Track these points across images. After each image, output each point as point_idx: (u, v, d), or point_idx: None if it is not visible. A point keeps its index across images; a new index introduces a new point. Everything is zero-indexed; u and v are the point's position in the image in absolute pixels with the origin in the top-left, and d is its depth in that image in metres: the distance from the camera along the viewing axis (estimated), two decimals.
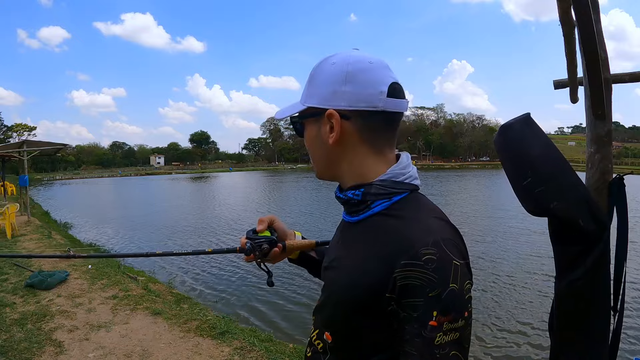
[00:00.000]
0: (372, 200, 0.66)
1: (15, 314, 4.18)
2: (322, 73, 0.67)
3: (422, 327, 0.56)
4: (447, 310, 0.55)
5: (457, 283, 0.56)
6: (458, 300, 0.56)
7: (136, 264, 8.27)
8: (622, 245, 1.14)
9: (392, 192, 0.66)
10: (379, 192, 0.66)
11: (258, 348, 3.50)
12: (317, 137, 0.69)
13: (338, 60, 0.65)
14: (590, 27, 1.12)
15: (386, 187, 0.66)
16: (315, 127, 0.69)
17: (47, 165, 70.74)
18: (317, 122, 0.68)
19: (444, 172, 57.61)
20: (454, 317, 0.56)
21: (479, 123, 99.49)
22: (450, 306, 0.56)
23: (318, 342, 0.72)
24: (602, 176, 1.25)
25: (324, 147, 0.69)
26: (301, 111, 0.70)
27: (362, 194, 0.67)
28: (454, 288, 0.56)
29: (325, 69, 0.66)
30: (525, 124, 1.10)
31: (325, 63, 0.67)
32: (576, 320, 1.13)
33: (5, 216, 8.60)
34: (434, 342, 0.55)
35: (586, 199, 1.08)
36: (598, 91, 1.24)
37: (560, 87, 2.02)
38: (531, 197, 1.09)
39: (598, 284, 1.10)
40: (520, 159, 1.09)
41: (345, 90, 0.64)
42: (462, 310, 0.57)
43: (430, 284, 0.55)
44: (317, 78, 0.68)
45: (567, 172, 1.08)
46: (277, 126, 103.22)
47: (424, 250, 0.56)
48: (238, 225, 13.62)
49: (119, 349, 3.43)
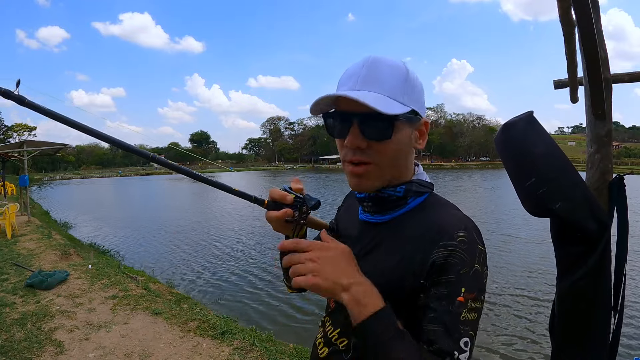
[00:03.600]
0: (411, 195, 0.72)
1: (15, 314, 4.17)
2: (416, 84, 0.71)
3: (450, 304, 0.62)
4: (472, 287, 0.63)
5: (480, 265, 0.64)
6: (480, 280, 0.64)
7: (136, 264, 8.28)
8: (622, 245, 1.14)
9: (423, 191, 0.73)
10: (417, 190, 0.73)
11: (258, 348, 3.50)
12: (409, 140, 0.72)
13: (412, 71, 0.71)
14: (590, 27, 1.12)
15: (422, 185, 0.74)
16: (409, 130, 0.71)
17: (47, 165, 70.77)
18: (411, 126, 0.71)
19: (445, 172, 57.56)
20: (477, 295, 0.63)
21: (479, 123, 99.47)
22: (474, 284, 0.63)
23: (342, 341, 0.74)
24: (602, 176, 1.25)
25: (409, 150, 0.73)
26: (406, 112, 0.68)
27: (405, 190, 0.72)
28: (477, 268, 0.64)
29: (417, 81, 0.72)
30: (528, 123, 1.08)
31: (412, 73, 0.71)
32: (578, 321, 1.13)
33: (6, 216, 8.59)
34: (460, 318, 0.61)
35: (588, 199, 1.07)
36: (598, 91, 1.24)
37: (560, 87, 2.02)
38: (534, 198, 1.07)
39: (600, 283, 1.10)
40: (524, 159, 1.07)
41: (423, 102, 0.73)
42: (482, 291, 0.64)
43: (462, 262, 0.63)
44: (413, 84, 0.70)
45: (570, 172, 1.07)
46: (277, 126, 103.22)
47: (458, 233, 0.65)
48: (241, 225, 13.64)
49: (119, 349, 3.43)
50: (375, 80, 0.66)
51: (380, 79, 0.67)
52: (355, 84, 0.67)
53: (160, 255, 9.68)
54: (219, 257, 9.24)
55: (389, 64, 0.68)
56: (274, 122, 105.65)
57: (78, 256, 7.21)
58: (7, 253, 6.93)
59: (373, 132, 0.67)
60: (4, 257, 6.61)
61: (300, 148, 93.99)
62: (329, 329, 0.78)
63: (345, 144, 0.68)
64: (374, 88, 0.66)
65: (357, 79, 0.67)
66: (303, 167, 78.56)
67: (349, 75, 0.69)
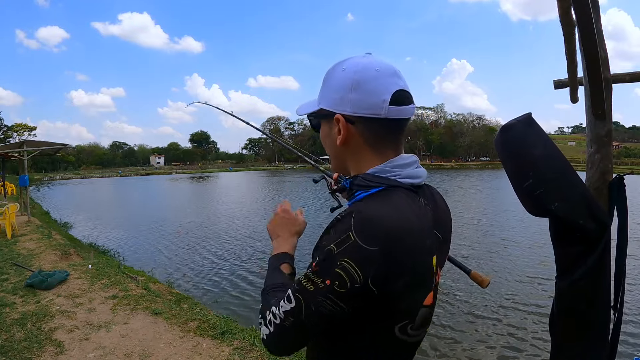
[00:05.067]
0: (356, 189, 0.74)
1: (15, 314, 4.17)
2: (333, 78, 0.73)
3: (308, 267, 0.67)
4: (317, 261, 0.65)
5: (336, 248, 0.62)
6: (327, 262, 0.63)
7: (136, 264, 8.28)
8: (622, 245, 1.14)
9: (370, 185, 0.71)
10: (360, 184, 0.73)
11: (258, 348, 3.50)
12: (328, 136, 0.77)
13: (348, 67, 0.71)
14: (591, 27, 1.12)
15: (367, 180, 0.72)
16: (327, 127, 0.77)
17: (47, 165, 70.77)
18: (329, 123, 0.75)
19: (445, 172, 57.58)
20: (318, 271, 0.64)
21: (479, 123, 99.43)
22: (320, 260, 0.64)
23: None
24: (602, 176, 1.25)
25: (334, 146, 0.76)
26: (316, 111, 0.77)
27: (350, 183, 0.76)
28: (331, 249, 0.63)
29: (336, 74, 0.72)
30: (527, 124, 1.09)
31: (337, 68, 0.73)
32: (577, 320, 1.13)
33: (6, 216, 8.59)
34: (299, 278, 0.67)
35: (587, 199, 1.08)
36: (598, 91, 1.24)
37: (560, 87, 2.02)
38: (532, 198, 1.08)
39: (599, 283, 1.10)
40: (522, 160, 1.08)
41: (351, 97, 0.69)
42: (326, 274, 0.63)
43: (324, 234, 0.66)
44: (328, 82, 0.74)
45: (568, 173, 1.08)
46: (277, 126, 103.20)
47: (339, 215, 0.66)
48: (239, 225, 13.64)
49: (119, 349, 3.43)
50: None
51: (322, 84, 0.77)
52: None
53: (161, 255, 9.68)
54: (219, 257, 9.24)
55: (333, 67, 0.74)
56: (274, 122, 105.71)
57: (78, 256, 7.21)
58: (7, 253, 6.93)
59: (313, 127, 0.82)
60: (4, 257, 6.62)
61: (300, 148, 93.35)
62: None
63: None
64: None
65: None
66: (303, 167, 78.46)
67: None
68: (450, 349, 4.69)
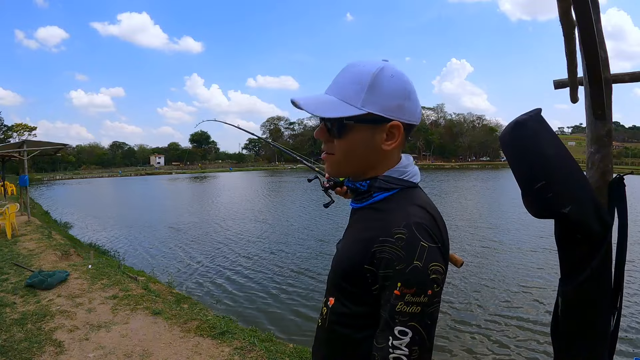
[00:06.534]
0: (374, 190, 0.79)
1: (15, 314, 4.17)
2: (383, 84, 0.73)
3: (390, 295, 0.67)
4: (410, 283, 0.65)
5: (421, 261, 0.66)
6: (420, 277, 0.65)
7: (136, 264, 8.28)
8: (621, 245, 1.14)
9: (390, 187, 0.78)
10: (381, 186, 0.78)
11: (258, 348, 3.49)
12: (367, 141, 0.76)
13: (395, 74, 0.74)
14: (591, 27, 1.12)
15: (388, 182, 0.78)
16: (369, 131, 0.76)
17: (47, 165, 70.70)
18: (373, 128, 0.75)
19: (444, 172, 57.59)
20: (416, 291, 0.65)
21: (479, 123, 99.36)
22: (412, 280, 0.65)
23: (324, 309, 0.84)
24: (602, 176, 1.25)
25: (371, 150, 0.77)
26: (359, 115, 0.73)
27: (368, 185, 0.79)
28: (417, 265, 0.65)
29: (386, 81, 0.73)
30: (538, 121, 1.05)
31: (382, 74, 0.73)
32: (581, 321, 1.13)
33: (6, 216, 8.59)
34: (395, 308, 0.65)
35: (594, 200, 1.06)
36: (598, 91, 1.24)
37: (560, 87, 2.01)
38: (543, 200, 1.05)
39: (602, 284, 1.09)
40: (533, 160, 1.04)
41: (407, 106, 0.75)
42: (425, 287, 0.66)
43: (397, 258, 0.66)
44: (378, 87, 0.73)
45: (578, 173, 1.04)
46: (277, 126, 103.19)
47: (396, 230, 0.68)
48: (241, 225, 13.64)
49: (119, 349, 3.43)
50: (336, 85, 0.76)
51: (341, 83, 0.75)
52: (329, 87, 0.78)
53: (161, 255, 9.68)
54: (219, 257, 9.24)
55: (358, 69, 0.75)
56: (274, 122, 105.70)
57: (78, 256, 7.21)
58: (7, 253, 6.93)
59: (329, 130, 0.78)
60: (4, 257, 6.61)
61: (300, 148, 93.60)
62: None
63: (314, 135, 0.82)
64: (333, 92, 0.76)
65: (331, 82, 0.78)
66: (302, 167, 78.23)
67: None
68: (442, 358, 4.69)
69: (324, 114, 0.74)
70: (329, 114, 0.73)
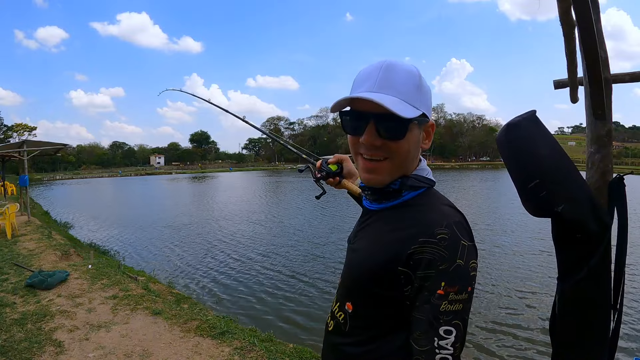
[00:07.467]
0: (406, 189, 0.79)
1: (16, 314, 4.17)
2: (424, 84, 0.77)
3: (431, 295, 0.67)
4: (454, 282, 0.66)
5: (463, 260, 0.67)
6: (463, 275, 0.67)
7: (136, 264, 8.28)
8: (621, 245, 1.14)
9: (419, 185, 0.79)
10: (413, 184, 0.79)
11: (258, 348, 3.50)
12: (418, 141, 0.79)
13: (422, 77, 0.77)
14: (590, 27, 1.12)
15: (419, 180, 0.79)
16: (417, 130, 0.78)
17: (47, 165, 70.71)
18: (419, 127, 0.78)
19: (444, 172, 57.59)
20: (459, 289, 0.66)
21: (479, 123, 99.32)
22: (456, 279, 0.66)
23: (340, 314, 0.83)
24: (602, 176, 1.25)
25: (417, 149, 0.80)
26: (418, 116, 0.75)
27: (400, 184, 0.79)
28: (460, 264, 0.67)
29: (424, 81, 0.77)
30: (532, 122, 1.07)
31: (421, 77, 0.77)
32: (579, 320, 1.13)
33: (6, 216, 8.59)
34: (439, 308, 0.66)
35: (591, 199, 1.06)
36: (598, 91, 1.24)
37: (560, 87, 2.02)
38: (537, 199, 1.06)
39: (601, 284, 1.09)
40: (527, 160, 1.06)
41: (430, 106, 0.80)
42: (466, 284, 0.67)
43: (441, 259, 0.67)
44: (424, 88, 0.77)
45: (573, 173, 1.05)
46: (277, 126, 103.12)
47: (438, 230, 0.69)
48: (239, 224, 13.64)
49: (119, 349, 3.43)
50: (391, 85, 0.73)
51: (396, 83, 0.73)
52: (373, 86, 0.73)
53: (161, 255, 9.68)
54: (219, 257, 9.24)
55: (405, 69, 0.75)
56: (274, 122, 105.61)
57: (78, 256, 7.21)
58: (7, 253, 6.93)
59: (388, 132, 0.74)
60: (4, 257, 6.62)
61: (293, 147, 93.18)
62: (334, 303, 0.88)
63: (362, 140, 0.75)
64: (390, 92, 0.72)
65: (374, 81, 0.73)
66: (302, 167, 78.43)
67: (366, 77, 0.75)
68: None
69: (402, 113, 0.70)
70: (405, 113, 0.70)
